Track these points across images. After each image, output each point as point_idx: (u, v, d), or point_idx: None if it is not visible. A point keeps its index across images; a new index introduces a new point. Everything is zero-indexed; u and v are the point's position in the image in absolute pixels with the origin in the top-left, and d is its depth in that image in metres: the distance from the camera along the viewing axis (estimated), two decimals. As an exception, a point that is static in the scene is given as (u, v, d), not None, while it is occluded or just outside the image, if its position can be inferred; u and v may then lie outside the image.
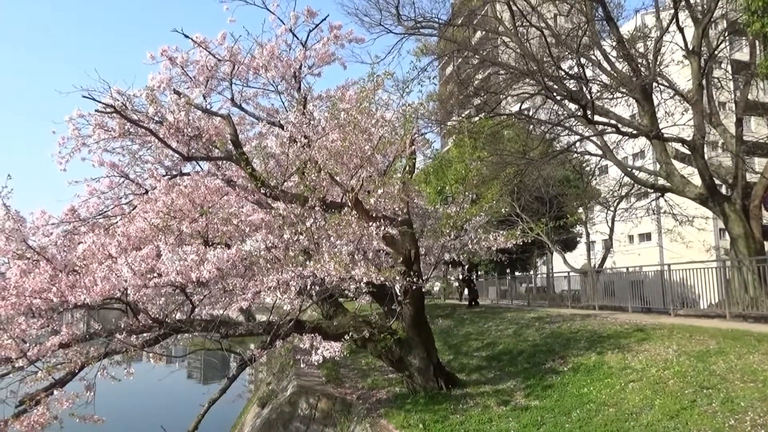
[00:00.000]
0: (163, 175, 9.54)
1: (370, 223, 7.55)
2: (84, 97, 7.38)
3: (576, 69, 15.94)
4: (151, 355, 7.73)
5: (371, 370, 12.13)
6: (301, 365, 7.56)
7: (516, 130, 21.45)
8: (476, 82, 21.22)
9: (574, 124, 18.65)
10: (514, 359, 10.95)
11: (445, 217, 8.97)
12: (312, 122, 8.46)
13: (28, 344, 6.63)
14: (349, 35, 11.19)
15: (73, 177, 9.69)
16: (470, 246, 9.01)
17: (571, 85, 16.28)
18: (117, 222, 9.11)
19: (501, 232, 9.77)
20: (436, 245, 9.31)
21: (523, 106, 20.30)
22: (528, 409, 7.78)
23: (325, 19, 10.44)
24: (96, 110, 7.82)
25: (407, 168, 9.13)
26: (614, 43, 16.83)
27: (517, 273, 29.04)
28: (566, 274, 22.46)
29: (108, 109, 7.68)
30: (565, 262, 23.67)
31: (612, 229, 24.74)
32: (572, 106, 17.19)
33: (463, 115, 21.91)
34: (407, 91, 9.42)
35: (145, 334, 7.71)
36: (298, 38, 10.75)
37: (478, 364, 11.34)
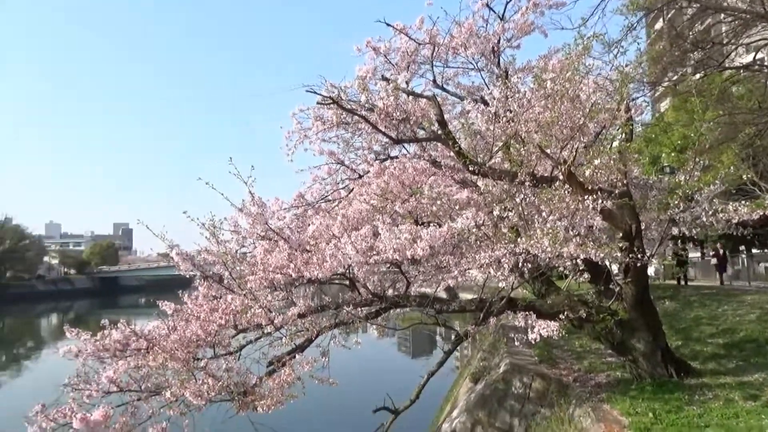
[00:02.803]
0: (374, 160, 10.12)
1: (586, 197, 7.09)
2: (307, 91, 8.15)
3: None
4: (374, 327, 8.31)
5: (586, 353, 11.53)
6: (515, 343, 7.46)
7: (750, 85, 18.37)
8: (693, 35, 18.66)
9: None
10: (761, 348, 9.49)
11: (672, 187, 8.04)
12: (517, 95, 8.21)
13: (273, 313, 7.56)
14: (549, 1, 10.64)
15: (299, 166, 10.80)
16: (704, 219, 7.95)
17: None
18: (337, 205, 9.93)
19: (742, 202, 8.45)
20: (661, 219, 8.40)
21: (758, 56, 17.31)
22: (787, 407, 6.67)
23: (523, -13, 10.06)
24: (317, 102, 8.58)
25: (624, 135, 8.38)
26: None
27: (754, 250, 25.06)
28: (824, 252, 18.74)
29: (327, 101, 8.35)
30: (822, 237, 19.76)
31: None
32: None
33: (679, 74, 19.49)
34: (622, 50, 8.62)
35: (366, 308, 8.30)
36: (495, 12, 10.56)
37: (714, 352, 10.05)
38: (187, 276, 8.23)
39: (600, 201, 7.06)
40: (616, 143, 8.36)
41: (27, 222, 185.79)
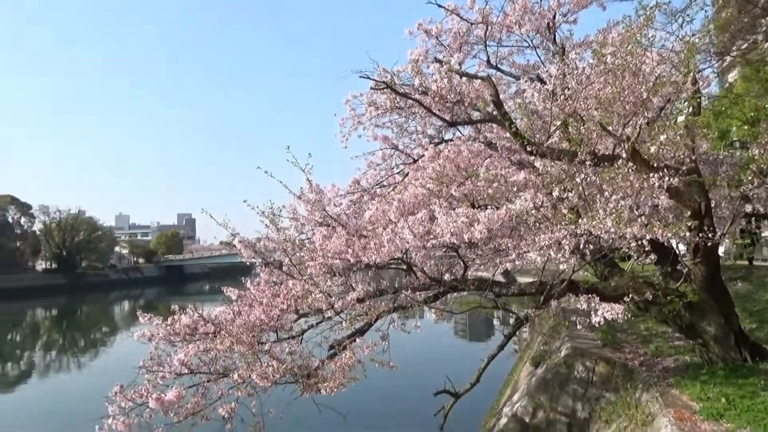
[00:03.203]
0: (429, 143, 10.07)
1: (651, 174, 6.80)
2: (360, 77, 8.18)
3: None
4: (431, 311, 8.34)
5: (652, 336, 11.16)
6: (578, 327, 7.31)
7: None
8: (764, 0, 17.47)
9: None
10: None
11: (745, 162, 7.61)
12: (575, 72, 7.95)
13: (333, 298, 7.70)
14: (606, -29, 10.25)
15: (353, 153, 10.88)
16: (781, 194, 7.51)
17: None
18: (392, 190, 9.96)
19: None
20: (733, 196, 7.98)
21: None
22: None
23: (580, -41, 9.70)
24: (371, 87, 8.61)
25: (691, 109, 7.98)
26: None
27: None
28: None
29: (380, 85, 8.36)
30: None
31: None
32: None
33: (749, 42, 18.35)
34: (687, 20, 8.19)
35: (424, 292, 8.32)
36: (550, -15, 10.22)
37: (793, 336, 9.53)
38: (248, 263, 8.48)
39: (666, 178, 6.77)
40: (681, 118, 7.99)
41: (98, 214, 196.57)
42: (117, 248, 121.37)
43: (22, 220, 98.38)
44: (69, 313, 68.74)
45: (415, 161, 10.30)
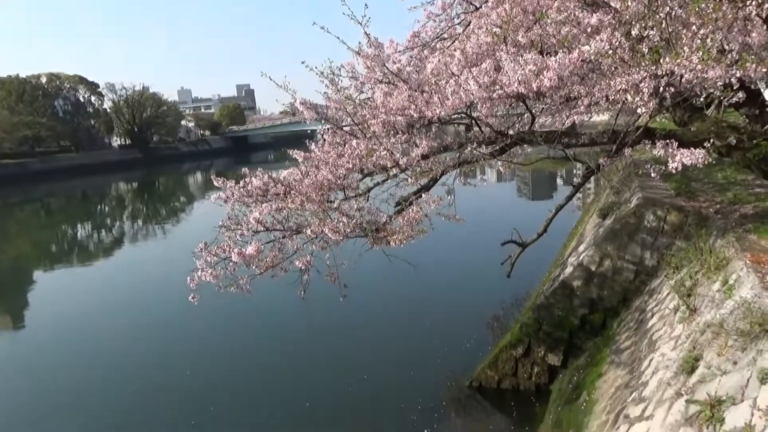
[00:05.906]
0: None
1: (748, 2, 6.02)
2: None
3: None
4: (498, 167, 8.21)
5: (730, 184, 10.68)
6: (653, 174, 7.03)
7: None
8: None
9: None
10: None
11: None
12: None
13: (397, 155, 7.70)
14: None
15: (412, 3, 10.15)
16: None
17: None
18: (453, 42, 9.41)
19: None
20: None
21: None
22: None
23: None
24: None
25: None
26: None
27: None
28: None
29: None
30: None
31: None
32: None
33: None
34: None
35: (490, 146, 8.16)
36: None
37: None
38: (309, 131, 8.49)
39: (766, 6, 5.99)
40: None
41: (162, 89, 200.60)
42: (183, 122, 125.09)
43: (93, 98, 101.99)
44: (148, 185, 73.33)
45: (477, 8, 9.55)
